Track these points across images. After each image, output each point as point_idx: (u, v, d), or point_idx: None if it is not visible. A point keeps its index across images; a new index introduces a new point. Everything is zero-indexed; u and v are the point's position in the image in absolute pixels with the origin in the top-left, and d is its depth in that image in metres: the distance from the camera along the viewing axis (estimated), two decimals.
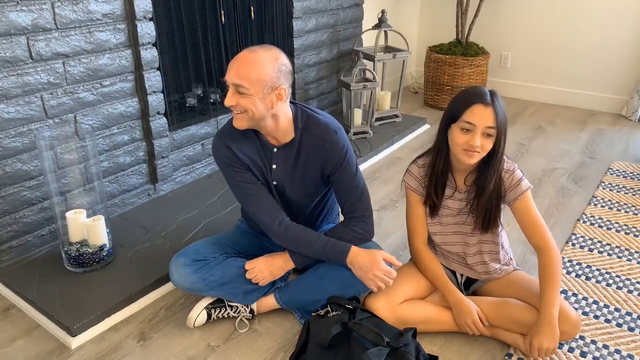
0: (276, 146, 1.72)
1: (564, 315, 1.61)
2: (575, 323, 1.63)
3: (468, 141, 1.55)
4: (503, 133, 1.57)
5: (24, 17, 1.90)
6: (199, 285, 1.74)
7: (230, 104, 1.58)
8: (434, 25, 4.51)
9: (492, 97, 1.55)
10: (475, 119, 1.54)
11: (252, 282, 1.77)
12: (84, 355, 1.72)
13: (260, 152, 1.73)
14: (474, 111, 1.54)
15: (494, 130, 1.55)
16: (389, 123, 3.57)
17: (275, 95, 1.58)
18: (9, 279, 1.97)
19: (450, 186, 1.72)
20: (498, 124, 1.54)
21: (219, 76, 2.87)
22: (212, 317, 1.81)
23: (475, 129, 1.54)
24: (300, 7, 3.10)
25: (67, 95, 2.10)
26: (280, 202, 1.81)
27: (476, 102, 1.54)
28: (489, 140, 1.56)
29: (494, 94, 1.57)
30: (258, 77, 1.54)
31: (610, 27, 3.80)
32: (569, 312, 1.62)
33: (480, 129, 1.54)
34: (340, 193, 1.76)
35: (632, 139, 3.50)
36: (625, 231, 2.40)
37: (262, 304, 1.84)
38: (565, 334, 1.63)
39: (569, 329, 1.63)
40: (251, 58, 1.55)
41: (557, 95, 4.16)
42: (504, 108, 1.57)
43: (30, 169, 2.05)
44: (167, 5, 2.52)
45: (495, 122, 1.53)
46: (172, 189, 2.65)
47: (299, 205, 1.84)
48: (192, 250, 1.77)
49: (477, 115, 1.54)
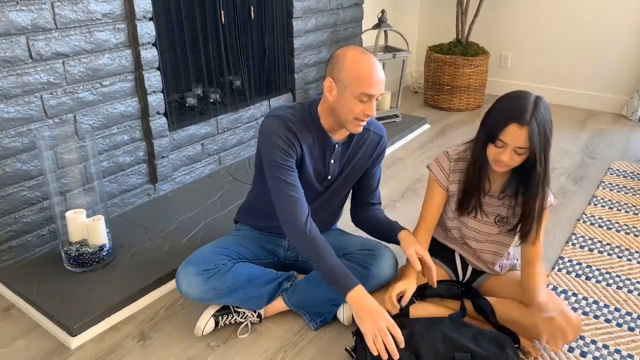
0: (338, 142, 1.74)
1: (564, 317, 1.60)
2: (576, 325, 1.62)
3: (497, 154, 1.54)
4: (542, 153, 1.51)
5: (24, 17, 1.90)
6: (210, 294, 1.71)
7: (375, 114, 1.63)
8: (434, 25, 4.51)
9: (532, 113, 1.47)
10: (508, 138, 1.50)
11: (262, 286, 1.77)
12: (84, 355, 1.72)
13: (323, 147, 1.73)
14: (508, 131, 1.49)
15: (525, 150, 1.51)
16: (389, 123, 3.57)
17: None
18: (9, 279, 1.97)
19: (484, 189, 1.71)
20: (532, 146, 1.49)
21: (219, 76, 2.87)
22: (220, 325, 1.80)
23: (506, 146, 1.52)
24: (300, 7, 3.10)
25: (67, 95, 2.09)
26: (322, 196, 1.82)
27: (512, 122, 1.48)
28: (520, 157, 1.53)
29: (536, 107, 1.48)
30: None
31: (610, 27, 3.80)
32: (569, 315, 1.61)
33: (510, 148, 1.51)
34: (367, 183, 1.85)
35: (632, 139, 3.50)
36: (625, 231, 2.40)
37: (270, 308, 1.83)
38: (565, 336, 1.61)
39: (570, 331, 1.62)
40: (378, 62, 1.60)
41: (557, 95, 4.16)
42: (545, 125, 1.49)
43: (30, 168, 2.05)
44: (167, 5, 2.52)
45: (528, 142, 1.48)
46: (172, 189, 2.65)
47: (336, 200, 1.86)
48: (201, 259, 1.73)
49: (510, 135, 1.49)
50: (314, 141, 1.71)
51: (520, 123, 1.47)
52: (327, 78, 1.61)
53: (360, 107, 1.58)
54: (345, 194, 1.89)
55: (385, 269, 1.72)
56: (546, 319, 1.57)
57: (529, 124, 1.46)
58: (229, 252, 1.80)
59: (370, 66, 1.56)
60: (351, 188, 1.89)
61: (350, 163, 1.78)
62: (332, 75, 1.60)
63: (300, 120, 1.68)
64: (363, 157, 1.79)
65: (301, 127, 1.68)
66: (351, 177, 1.82)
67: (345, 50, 1.60)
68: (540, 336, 1.59)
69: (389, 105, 3.62)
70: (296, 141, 1.66)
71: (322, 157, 1.74)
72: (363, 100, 1.57)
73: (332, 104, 1.63)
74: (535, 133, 1.47)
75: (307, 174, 1.73)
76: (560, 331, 1.55)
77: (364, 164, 1.81)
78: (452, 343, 1.54)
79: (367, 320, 1.50)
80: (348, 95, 1.57)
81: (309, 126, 1.69)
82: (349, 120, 1.61)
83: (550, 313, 1.58)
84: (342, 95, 1.58)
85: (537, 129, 1.47)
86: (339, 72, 1.58)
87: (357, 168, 1.81)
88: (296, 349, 1.74)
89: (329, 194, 1.83)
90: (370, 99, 1.57)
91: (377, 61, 1.59)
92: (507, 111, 1.51)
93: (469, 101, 4.04)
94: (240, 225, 1.99)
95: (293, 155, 1.66)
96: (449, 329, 1.58)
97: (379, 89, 1.57)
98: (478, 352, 1.51)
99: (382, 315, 1.50)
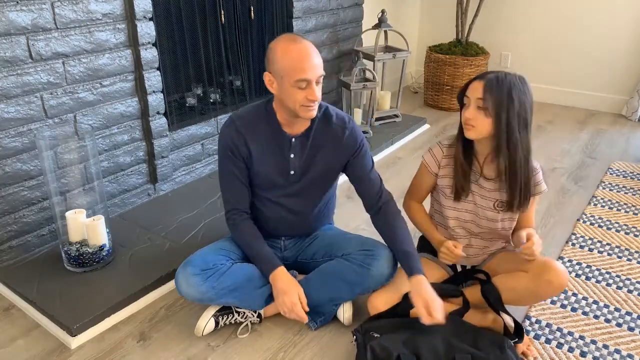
0: (293, 136, 1.74)
1: (547, 264, 1.62)
2: (561, 271, 1.61)
3: (463, 115, 1.62)
4: (502, 111, 1.55)
5: (24, 17, 1.90)
6: (210, 294, 1.71)
7: (319, 97, 1.63)
8: (434, 25, 4.51)
9: (497, 75, 1.57)
10: (469, 92, 1.60)
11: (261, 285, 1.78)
12: (84, 355, 1.72)
13: (279, 141, 1.75)
14: (470, 86, 1.61)
15: (484, 103, 1.55)
16: (389, 123, 3.57)
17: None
18: (9, 279, 1.97)
19: (475, 171, 1.74)
20: (486, 96, 1.55)
21: (219, 76, 2.87)
22: (220, 325, 1.80)
23: (468, 102, 1.60)
24: (300, 7, 3.10)
25: (67, 95, 2.09)
26: (294, 192, 1.81)
27: (475, 79, 1.60)
28: (482, 114, 1.57)
29: (507, 75, 1.57)
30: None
31: (610, 27, 3.80)
32: (552, 261, 1.63)
33: (472, 101, 1.59)
34: (361, 182, 1.81)
35: (632, 139, 3.50)
36: (625, 231, 2.40)
37: (270, 308, 1.83)
38: (552, 284, 1.61)
39: (554, 277, 1.60)
40: (312, 46, 1.62)
41: (557, 95, 4.16)
42: (510, 89, 1.54)
43: (30, 168, 2.05)
44: (167, 5, 2.52)
45: (484, 94, 1.55)
46: (172, 189, 2.65)
47: (313, 195, 1.84)
48: (199, 259, 1.73)
49: (471, 88, 1.60)
50: (269, 137, 1.74)
51: (480, 79, 1.58)
52: (265, 73, 1.65)
53: (302, 94, 1.60)
54: (324, 189, 1.85)
55: (384, 269, 1.72)
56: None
57: (488, 79, 1.56)
58: (228, 253, 1.80)
59: (300, 52, 1.58)
60: (331, 183, 1.86)
61: (314, 156, 1.77)
62: (269, 69, 1.64)
63: (254, 117, 1.75)
64: (328, 149, 1.76)
65: (253, 125, 1.74)
66: (322, 171, 1.79)
67: (277, 41, 1.63)
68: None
69: (389, 105, 3.62)
70: (242, 143, 1.73)
71: (280, 152, 1.75)
72: (302, 87, 1.59)
73: (278, 96, 1.67)
74: (492, 87, 1.54)
75: (264, 169, 1.77)
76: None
77: (333, 157, 1.77)
78: (452, 344, 1.54)
79: (280, 300, 1.70)
80: (287, 85, 1.60)
81: (263, 123, 1.74)
82: (296, 108, 1.64)
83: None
84: (281, 86, 1.62)
85: (497, 85, 1.54)
86: (273, 65, 1.61)
87: (327, 161, 1.78)
88: (296, 349, 1.74)
89: (299, 188, 1.81)
90: (309, 84, 1.59)
91: (309, 45, 1.60)
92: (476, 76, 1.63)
93: None
94: None
95: (238, 158, 1.75)
96: (449, 330, 1.58)
97: (313, 72, 1.58)
98: (478, 354, 1.51)
99: (294, 289, 1.69)
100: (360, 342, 1.60)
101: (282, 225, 1.89)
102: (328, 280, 1.76)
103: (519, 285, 1.66)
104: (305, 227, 1.92)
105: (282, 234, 1.93)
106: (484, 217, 1.76)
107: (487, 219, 1.76)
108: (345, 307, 1.81)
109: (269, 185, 1.80)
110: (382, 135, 3.36)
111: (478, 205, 1.76)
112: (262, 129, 1.74)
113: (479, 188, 1.74)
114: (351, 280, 1.73)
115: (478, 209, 1.76)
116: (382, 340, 1.56)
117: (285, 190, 1.81)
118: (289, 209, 1.84)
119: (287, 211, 1.84)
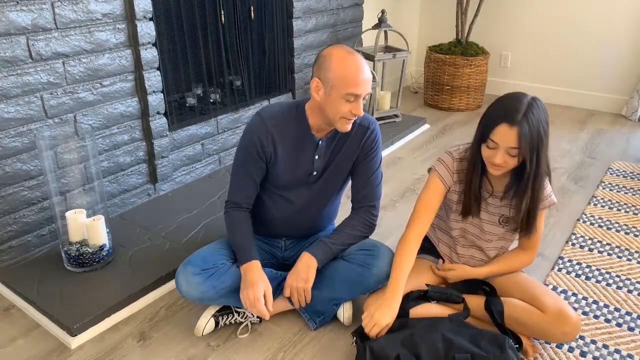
0: (321, 138, 1.74)
1: (564, 316, 1.61)
2: (576, 324, 1.62)
3: (490, 156, 1.55)
4: (534, 153, 1.51)
5: (24, 17, 1.90)
6: (210, 293, 1.71)
7: (362, 112, 1.63)
8: (434, 25, 4.51)
9: (524, 114, 1.47)
10: (498, 138, 1.50)
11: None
12: (84, 355, 1.72)
13: (307, 143, 1.74)
14: (498, 131, 1.50)
15: (516, 151, 1.50)
16: (389, 123, 3.57)
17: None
18: (9, 279, 1.97)
19: (487, 190, 1.71)
20: (522, 146, 1.48)
21: (219, 76, 2.87)
22: (220, 325, 1.80)
23: (498, 147, 1.52)
24: (300, 7, 3.10)
25: (67, 95, 2.09)
26: (310, 192, 1.81)
27: (503, 121, 1.49)
28: (514, 159, 1.53)
29: (530, 108, 1.48)
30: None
31: (610, 27, 3.80)
32: (568, 313, 1.62)
33: (502, 149, 1.51)
34: (358, 182, 1.80)
35: (632, 139, 3.50)
36: (625, 231, 2.40)
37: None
38: (566, 335, 1.63)
39: (570, 329, 1.62)
40: (364, 60, 1.62)
41: (557, 95, 4.16)
42: (539, 126, 1.48)
43: (30, 168, 2.05)
44: (167, 5, 2.52)
45: (518, 143, 1.48)
46: (172, 189, 2.65)
47: (327, 195, 1.85)
48: (200, 259, 1.73)
49: (500, 135, 1.49)
50: (297, 139, 1.73)
51: (510, 123, 1.47)
52: (314, 79, 1.62)
53: (348, 107, 1.59)
54: (336, 189, 1.87)
55: (385, 268, 1.72)
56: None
57: (519, 124, 1.46)
58: (228, 253, 1.80)
59: (356, 66, 1.57)
60: (342, 183, 1.87)
61: (335, 157, 1.78)
62: (319, 75, 1.61)
63: (285, 118, 1.72)
64: (348, 150, 1.77)
65: (283, 126, 1.72)
66: (338, 170, 1.80)
67: (331, 50, 1.61)
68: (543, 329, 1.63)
69: (389, 105, 3.62)
70: (269, 143, 1.71)
71: (306, 154, 1.75)
72: (350, 100, 1.58)
73: (319, 103, 1.64)
74: (525, 134, 1.46)
75: (288, 170, 1.76)
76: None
77: (350, 156, 1.78)
78: (451, 344, 1.54)
79: (244, 293, 1.66)
80: (335, 95, 1.58)
81: (293, 124, 1.72)
82: (336, 120, 1.63)
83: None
84: (329, 95, 1.60)
85: (529, 130, 1.47)
86: (325, 73, 1.59)
87: (344, 161, 1.79)
88: (296, 349, 1.74)
89: (317, 189, 1.82)
90: (357, 98, 1.59)
91: (363, 60, 1.60)
92: (499, 111, 1.52)
93: (468, 101, 4.04)
94: None
95: (261, 158, 1.73)
96: (448, 330, 1.58)
97: (365, 88, 1.58)
98: (478, 353, 1.51)
99: (254, 289, 1.65)
100: (359, 343, 1.60)
101: (287, 225, 1.89)
102: (328, 280, 1.76)
103: (531, 322, 1.65)
104: (310, 227, 1.92)
105: (285, 234, 1.93)
106: (488, 232, 1.76)
107: (491, 233, 1.76)
108: (345, 307, 1.81)
109: (289, 184, 1.79)
110: (382, 135, 3.34)
111: (483, 220, 1.75)
112: (292, 131, 1.72)
113: (486, 205, 1.73)
114: (352, 280, 1.73)
115: (483, 223, 1.76)
116: (381, 340, 1.56)
117: (303, 190, 1.81)
118: (299, 208, 1.83)
119: (297, 210, 1.84)
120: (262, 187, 1.83)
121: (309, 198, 1.83)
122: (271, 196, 1.83)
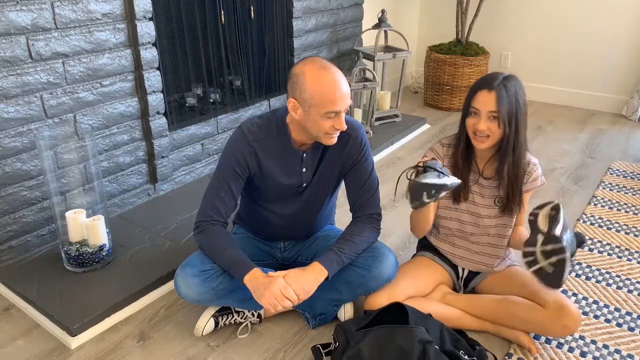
0: (305, 151, 1.71)
1: (564, 309, 1.63)
2: (576, 317, 1.64)
3: (474, 125, 1.62)
4: (512, 118, 1.59)
5: (24, 17, 1.89)
6: (208, 295, 1.70)
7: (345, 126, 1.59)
8: (434, 25, 4.50)
9: (501, 81, 1.59)
10: (478, 103, 1.60)
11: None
12: (83, 355, 1.72)
13: (291, 157, 1.71)
14: (478, 97, 1.60)
15: (496, 114, 1.58)
16: (389, 123, 3.57)
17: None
18: (9, 279, 1.97)
19: (474, 171, 1.75)
20: (500, 108, 1.56)
21: (219, 76, 2.87)
22: (220, 325, 1.80)
23: (479, 113, 1.60)
24: (300, 7, 3.10)
25: (66, 95, 2.09)
26: (301, 202, 1.80)
27: (481, 88, 1.60)
28: (494, 124, 1.59)
29: (507, 78, 1.60)
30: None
31: (610, 27, 3.80)
32: (569, 306, 1.64)
33: (484, 114, 1.59)
34: (355, 190, 1.77)
35: (632, 139, 3.49)
36: (625, 231, 2.40)
37: None
38: (566, 328, 1.65)
39: (571, 323, 1.64)
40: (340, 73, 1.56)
41: (557, 95, 4.16)
42: (516, 94, 1.59)
43: (30, 168, 2.05)
44: (167, 5, 2.52)
45: (497, 106, 1.56)
46: (172, 189, 2.65)
47: (316, 203, 1.83)
48: (198, 260, 1.71)
49: (480, 100, 1.60)
50: (281, 153, 1.69)
51: (489, 88, 1.59)
52: (290, 99, 1.57)
53: (329, 123, 1.55)
54: (328, 194, 1.84)
55: (386, 270, 1.72)
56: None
57: (497, 87, 1.58)
58: None
59: (332, 82, 1.51)
60: (334, 188, 1.85)
61: (321, 166, 1.75)
62: (294, 95, 1.56)
63: (267, 134, 1.68)
64: (331, 157, 1.73)
65: (265, 140, 1.68)
66: (326, 178, 1.77)
67: (303, 67, 1.54)
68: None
69: (389, 105, 3.62)
70: (253, 159, 1.67)
71: (293, 168, 1.72)
72: (330, 117, 1.54)
73: (300, 122, 1.61)
74: (503, 96, 1.57)
75: (275, 184, 1.73)
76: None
77: (334, 164, 1.74)
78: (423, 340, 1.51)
79: (265, 295, 1.55)
80: (314, 114, 1.54)
81: (275, 140, 1.68)
82: (320, 136, 1.60)
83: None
84: (308, 114, 1.55)
85: (506, 94, 1.58)
86: (300, 93, 1.53)
87: (330, 169, 1.76)
88: (296, 349, 1.74)
89: (308, 198, 1.80)
90: (337, 114, 1.55)
91: (339, 73, 1.54)
92: (479, 82, 1.64)
93: None
94: (237, 228, 1.99)
95: (243, 173, 1.69)
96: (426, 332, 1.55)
97: (343, 104, 1.54)
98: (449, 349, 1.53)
99: (275, 284, 1.56)
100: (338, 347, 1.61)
101: (284, 231, 1.89)
102: (330, 282, 1.75)
103: (532, 317, 1.67)
104: (307, 231, 1.92)
105: (283, 238, 1.93)
106: (486, 216, 1.77)
107: (488, 217, 1.76)
108: (346, 308, 1.81)
109: (278, 198, 1.78)
110: (382, 135, 3.36)
111: (478, 205, 1.76)
112: (274, 145, 1.69)
113: (480, 187, 1.75)
114: (353, 281, 1.73)
115: (478, 208, 1.76)
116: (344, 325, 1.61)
117: (294, 200, 1.80)
118: (293, 217, 1.83)
119: (291, 219, 1.84)
120: (253, 201, 1.83)
121: (301, 207, 1.82)
122: (264, 209, 1.83)
